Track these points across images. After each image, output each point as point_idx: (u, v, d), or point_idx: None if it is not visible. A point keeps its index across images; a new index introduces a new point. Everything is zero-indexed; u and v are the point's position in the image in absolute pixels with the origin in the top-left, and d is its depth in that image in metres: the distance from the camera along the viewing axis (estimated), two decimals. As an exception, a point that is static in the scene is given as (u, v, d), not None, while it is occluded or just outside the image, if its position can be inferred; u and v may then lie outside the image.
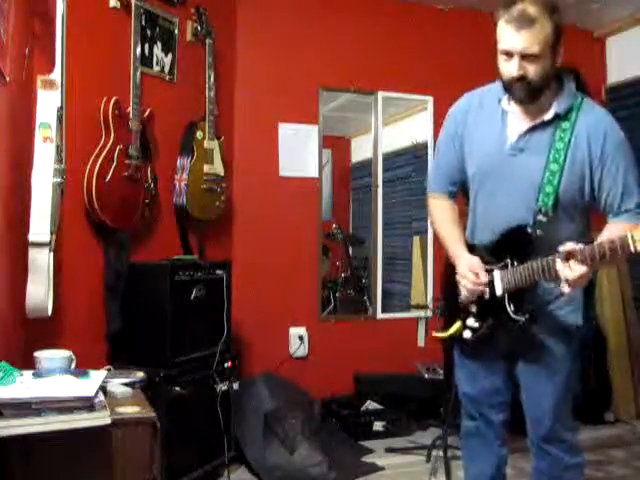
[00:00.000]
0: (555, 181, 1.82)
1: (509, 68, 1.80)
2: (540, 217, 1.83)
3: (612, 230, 1.77)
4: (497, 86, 1.96)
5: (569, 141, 1.82)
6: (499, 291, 1.89)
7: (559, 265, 1.68)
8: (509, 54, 1.78)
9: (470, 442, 2.15)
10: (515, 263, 1.85)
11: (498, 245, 1.92)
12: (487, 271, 1.91)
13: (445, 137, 2.11)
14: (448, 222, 2.09)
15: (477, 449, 2.12)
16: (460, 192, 2.14)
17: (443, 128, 2.13)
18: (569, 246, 1.68)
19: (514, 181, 1.89)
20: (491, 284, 1.90)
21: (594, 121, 1.84)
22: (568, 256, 1.66)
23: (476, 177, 2.00)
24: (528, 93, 1.81)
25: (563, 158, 1.81)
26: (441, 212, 2.13)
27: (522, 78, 1.78)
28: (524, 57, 1.76)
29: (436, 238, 2.23)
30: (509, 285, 1.86)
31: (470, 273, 1.91)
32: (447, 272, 2.11)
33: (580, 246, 1.66)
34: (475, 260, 1.93)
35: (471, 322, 1.97)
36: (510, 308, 1.86)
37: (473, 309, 1.97)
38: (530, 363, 1.95)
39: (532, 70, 1.77)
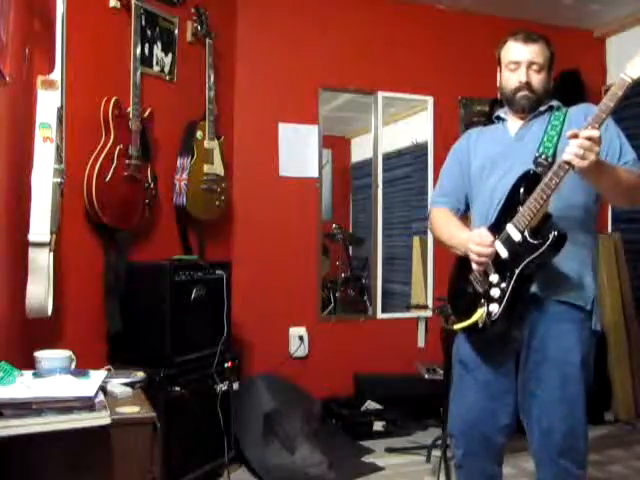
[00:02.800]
0: (554, 140, 1.92)
1: (515, 77, 2.00)
2: (541, 160, 1.88)
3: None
4: (494, 113, 2.18)
5: (564, 117, 1.97)
6: (517, 237, 1.83)
7: (570, 145, 1.69)
8: (517, 64, 1.99)
9: (463, 472, 2.10)
10: (524, 199, 1.84)
11: (506, 205, 1.93)
12: (499, 232, 1.90)
13: (450, 161, 2.23)
14: (448, 222, 2.13)
15: (472, 476, 2.08)
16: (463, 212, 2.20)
17: (447, 159, 2.25)
18: (571, 130, 1.71)
19: (518, 155, 1.98)
20: (508, 240, 1.86)
21: (585, 105, 2.06)
22: (573, 135, 1.69)
23: (486, 166, 2.06)
24: (530, 103, 2.00)
25: (560, 127, 1.93)
26: (441, 216, 2.17)
27: (528, 84, 1.98)
28: (529, 68, 1.98)
29: (438, 242, 2.23)
30: (524, 220, 1.82)
31: (476, 236, 1.92)
32: (455, 273, 2.10)
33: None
34: (481, 229, 1.94)
35: (495, 292, 1.87)
36: (532, 240, 1.81)
37: (494, 279, 1.88)
38: (541, 366, 1.89)
39: (536, 79, 1.99)
